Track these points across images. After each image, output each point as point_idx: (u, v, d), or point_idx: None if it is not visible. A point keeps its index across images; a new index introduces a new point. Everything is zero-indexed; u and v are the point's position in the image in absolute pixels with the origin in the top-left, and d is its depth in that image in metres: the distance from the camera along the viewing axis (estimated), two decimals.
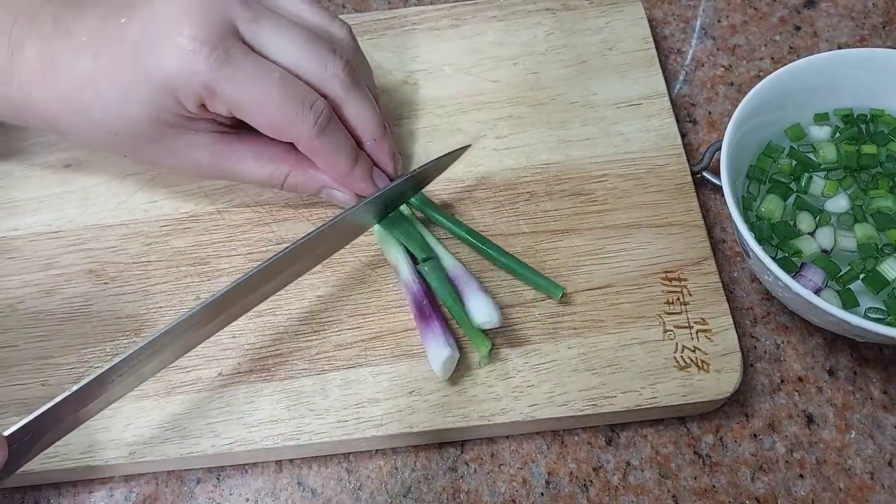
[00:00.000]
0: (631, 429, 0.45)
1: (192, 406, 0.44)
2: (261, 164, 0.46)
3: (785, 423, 0.45)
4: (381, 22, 0.58)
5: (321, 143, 0.44)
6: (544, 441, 0.45)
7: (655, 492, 0.43)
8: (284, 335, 0.46)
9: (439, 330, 0.43)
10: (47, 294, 0.48)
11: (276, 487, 0.44)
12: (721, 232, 0.51)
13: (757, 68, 0.58)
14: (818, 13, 0.60)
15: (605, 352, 0.45)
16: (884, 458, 0.44)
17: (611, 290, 0.47)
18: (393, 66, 0.56)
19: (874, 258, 0.44)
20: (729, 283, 0.49)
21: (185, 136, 0.44)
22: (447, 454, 0.45)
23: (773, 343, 0.47)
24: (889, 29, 0.59)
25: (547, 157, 0.52)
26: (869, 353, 0.47)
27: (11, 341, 0.47)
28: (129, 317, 0.47)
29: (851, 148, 0.47)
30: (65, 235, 0.50)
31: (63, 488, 0.45)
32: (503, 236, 0.49)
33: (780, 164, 0.48)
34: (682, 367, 0.44)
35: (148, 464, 0.44)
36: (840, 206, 0.46)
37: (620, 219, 0.49)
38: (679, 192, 0.50)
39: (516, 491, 0.44)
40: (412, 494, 0.44)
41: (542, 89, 0.54)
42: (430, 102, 0.54)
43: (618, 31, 0.56)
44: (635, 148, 0.52)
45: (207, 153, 0.45)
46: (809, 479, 0.43)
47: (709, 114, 0.56)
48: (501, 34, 0.57)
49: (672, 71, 0.58)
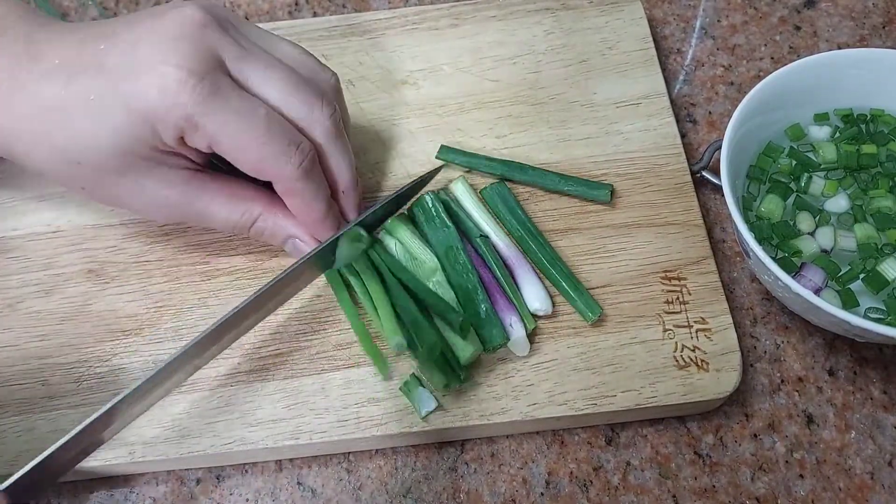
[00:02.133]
0: (631, 428, 0.45)
1: (192, 406, 0.44)
2: (231, 206, 0.44)
3: (785, 423, 0.45)
4: (381, 22, 0.58)
5: (303, 185, 0.43)
6: (544, 441, 0.45)
7: (655, 492, 0.43)
8: (284, 335, 0.46)
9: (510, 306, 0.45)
10: (47, 294, 0.48)
11: (276, 487, 0.44)
12: (721, 232, 0.51)
13: (757, 68, 0.58)
14: (818, 13, 0.60)
15: (605, 351, 0.45)
16: (884, 458, 0.44)
17: (610, 290, 0.47)
18: (393, 66, 0.56)
19: (874, 258, 0.44)
20: (729, 282, 0.49)
21: (155, 171, 0.42)
22: (447, 454, 0.45)
23: (773, 343, 0.47)
24: (889, 29, 0.59)
25: (547, 156, 0.52)
26: (869, 353, 0.47)
27: (11, 341, 0.47)
28: (129, 317, 0.47)
29: (851, 148, 0.47)
30: (65, 235, 0.50)
31: (63, 488, 0.45)
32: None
33: (779, 164, 0.48)
34: (682, 366, 0.44)
35: (148, 464, 0.44)
36: (840, 205, 0.46)
37: (620, 218, 0.49)
38: (679, 191, 0.50)
39: (516, 491, 0.44)
40: (412, 494, 0.44)
41: (542, 89, 0.54)
42: (430, 102, 0.54)
43: (617, 31, 0.56)
44: (635, 147, 0.52)
45: (178, 191, 0.43)
46: (809, 479, 0.43)
47: (709, 113, 0.56)
48: (501, 34, 0.57)
49: (672, 71, 0.58)
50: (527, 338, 0.44)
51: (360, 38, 0.57)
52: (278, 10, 0.63)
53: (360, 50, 0.57)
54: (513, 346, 0.44)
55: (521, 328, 0.44)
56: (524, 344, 0.44)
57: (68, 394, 0.45)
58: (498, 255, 0.47)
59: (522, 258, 0.47)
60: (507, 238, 0.48)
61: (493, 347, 0.44)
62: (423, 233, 0.48)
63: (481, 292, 0.45)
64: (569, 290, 0.46)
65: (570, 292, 0.46)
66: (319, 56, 0.50)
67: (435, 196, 0.48)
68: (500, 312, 0.45)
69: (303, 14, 0.63)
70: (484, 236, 0.48)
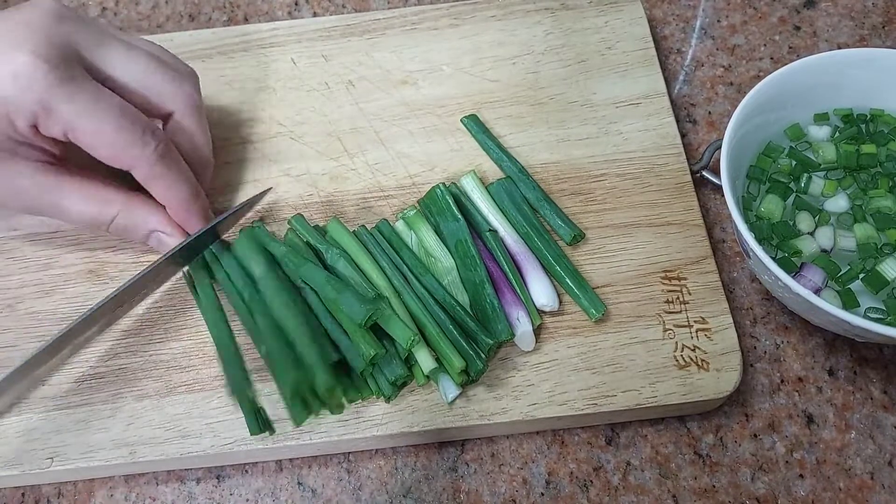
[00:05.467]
0: (631, 429, 0.45)
1: (192, 406, 0.44)
2: (88, 201, 0.44)
3: (785, 423, 0.45)
4: (380, 22, 0.58)
5: (161, 169, 0.43)
6: (544, 441, 0.45)
7: (655, 492, 0.43)
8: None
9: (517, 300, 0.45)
10: (47, 294, 0.48)
11: (276, 487, 0.44)
12: (721, 232, 0.51)
13: (757, 68, 0.58)
14: (818, 13, 0.60)
15: (605, 351, 0.45)
16: (884, 458, 0.44)
17: (610, 290, 0.47)
18: (392, 66, 0.56)
19: (874, 258, 0.44)
20: (729, 282, 0.49)
21: (8, 162, 0.42)
22: (447, 454, 0.45)
23: (773, 343, 0.47)
24: (889, 29, 0.59)
25: (546, 156, 0.52)
26: (869, 353, 0.47)
27: (11, 341, 0.47)
28: (129, 317, 0.47)
29: (851, 148, 0.47)
30: (64, 235, 0.50)
31: (63, 488, 0.45)
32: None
33: (779, 164, 0.48)
34: (682, 366, 0.44)
35: (148, 464, 0.44)
36: (840, 205, 0.46)
37: (620, 218, 0.49)
38: (679, 191, 0.50)
39: (516, 491, 0.44)
40: (412, 494, 0.44)
41: (542, 89, 0.54)
42: (430, 102, 0.54)
43: (617, 31, 0.56)
44: (635, 147, 0.52)
45: (32, 182, 0.43)
46: (809, 479, 0.43)
47: (708, 114, 0.56)
48: (500, 34, 0.57)
49: (672, 71, 0.58)
50: (533, 333, 0.44)
51: (359, 38, 0.57)
52: (278, 10, 0.63)
53: (359, 50, 0.57)
54: (519, 340, 0.44)
55: (528, 323, 0.44)
56: (530, 339, 0.44)
57: (68, 394, 0.45)
58: (506, 250, 0.47)
59: (530, 254, 0.47)
60: (516, 233, 0.48)
61: (497, 345, 0.44)
62: (436, 224, 0.48)
63: (489, 286, 0.45)
64: (573, 287, 0.46)
65: (575, 289, 0.46)
66: (319, 56, 0.50)
67: (445, 188, 0.48)
68: (507, 307, 0.45)
69: (303, 14, 0.63)
70: (493, 231, 0.48)
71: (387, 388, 0.43)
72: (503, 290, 0.45)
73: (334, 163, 0.52)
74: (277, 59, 0.57)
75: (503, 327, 0.44)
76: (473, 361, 0.43)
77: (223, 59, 0.57)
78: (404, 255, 0.47)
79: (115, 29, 0.45)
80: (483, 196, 0.49)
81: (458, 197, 0.49)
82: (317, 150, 0.53)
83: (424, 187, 0.50)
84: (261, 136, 0.53)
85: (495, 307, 0.44)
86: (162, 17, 0.63)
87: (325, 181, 0.51)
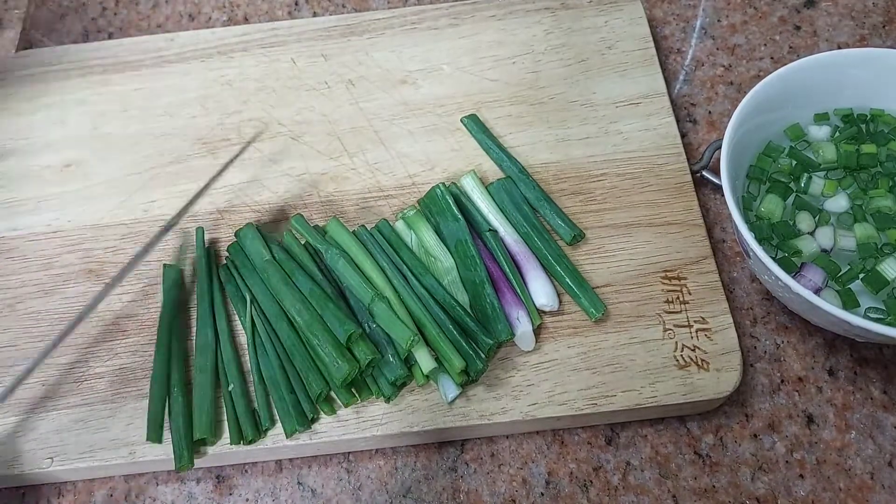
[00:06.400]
0: (631, 429, 0.45)
1: None
2: None
3: (785, 423, 0.45)
4: (380, 21, 0.58)
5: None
6: (544, 441, 0.45)
7: (655, 492, 0.43)
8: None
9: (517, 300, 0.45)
10: (47, 294, 0.48)
11: (276, 487, 0.44)
12: (721, 232, 0.51)
13: (757, 68, 0.58)
14: (818, 13, 0.60)
15: (605, 351, 0.45)
16: (884, 458, 0.44)
17: (610, 290, 0.47)
18: (392, 66, 0.56)
19: (874, 258, 0.44)
20: (729, 282, 0.49)
21: None
22: (447, 454, 0.45)
23: (773, 343, 0.47)
24: (889, 29, 0.59)
25: (546, 156, 0.52)
26: (869, 353, 0.47)
27: (11, 341, 0.47)
28: (129, 317, 0.47)
29: (851, 147, 0.47)
30: (64, 235, 0.50)
31: (63, 488, 0.45)
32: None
33: (779, 164, 0.48)
34: (682, 365, 0.44)
35: (148, 464, 0.44)
36: (840, 205, 0.46)
37: (620, 218, 0.49)
38: (678, 191, 0.50)
39: (516, 491, 0.44)
40: (412, 494, 0.44)
41: (542, 88, 0.54)
42: (430, 102, 0.54)
43: (617, 31, 0.56)
44: (635, 147, 0.51)
45: None
46: (809, 479, 0.43)
47: (709, 113, 0.56)
48: (500, 33, 0.57)
49: (672, 70, 0.58)
50: (533, 333, 0.44)
51: (359, 38, 0.57)
52: (278, 10, 0.63)
53: (359, 50, 0.57)
54: (519, 340, 0.44)
55: (528, 322, 0.44)
56: (530, 338, 0.44)
57: (68, 394, 0.45)
58: (506, 249, 0.47)
59: (530, 254, 0.47)
60: (516, 233, 0.48)
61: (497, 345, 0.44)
62: (436, 223, 0.48)
63: (489, 286, 0.45)
64: (573, 287, 0.46)
65: (575, 289, 0.46)
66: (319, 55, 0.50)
67: (445, 188, 0.48)
68: (507, 307, 0.44)
69: (303, 14, 0.63)
70: (492, 231, 0.48)
71: (387, 389, 0.43)
72: (503, 290, 0.45)
73: (334, 163, 0.52)
74: (277, 58, 0.57)
75: (503, 327, 0.44)
76: (473, 361, 0.43)
77: (223, 59, 0.57)
78: (404, 254, 0.47)
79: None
80: (483, 196, 0.49)
81: (458, 197, 0.49)
82: (317, 149, 0.53)
83: (424, 187, 0.50)
84: (261, 136, 0.53)
85: (495, 307, 0.44)
86: (162, 17, 0.63)
87: (325, 181, 0.51)
